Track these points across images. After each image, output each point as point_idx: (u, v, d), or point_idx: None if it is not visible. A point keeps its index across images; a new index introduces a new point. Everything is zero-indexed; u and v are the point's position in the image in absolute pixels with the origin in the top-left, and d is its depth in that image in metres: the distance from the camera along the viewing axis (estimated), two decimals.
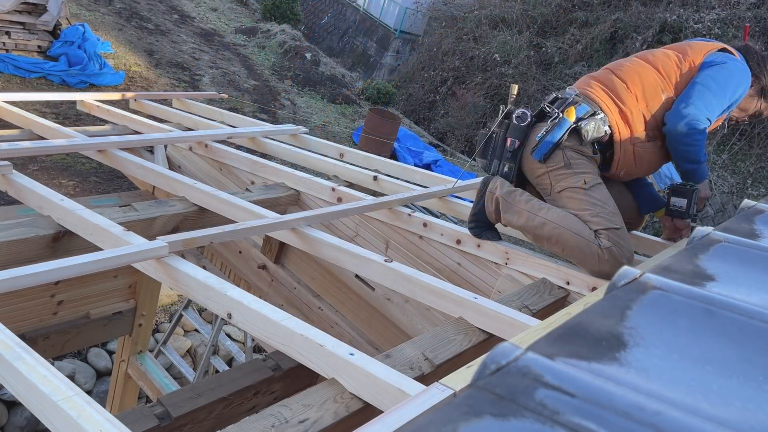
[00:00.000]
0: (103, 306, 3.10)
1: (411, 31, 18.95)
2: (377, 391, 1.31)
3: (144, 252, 1.72)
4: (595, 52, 15.18)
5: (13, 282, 1.46)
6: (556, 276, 2.14)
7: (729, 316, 0.78)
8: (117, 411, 4.13)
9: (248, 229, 2.04)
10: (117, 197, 3.20)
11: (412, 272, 1.92)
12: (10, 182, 2.20)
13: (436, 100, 15.70)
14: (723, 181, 13.11)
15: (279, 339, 1.50)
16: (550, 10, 16.21)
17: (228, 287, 1.63)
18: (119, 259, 1.67)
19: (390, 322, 2.52)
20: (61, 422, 1.11)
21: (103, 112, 3.56)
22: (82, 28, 8.60)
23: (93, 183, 6.55)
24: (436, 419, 0.52)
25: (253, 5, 14.59)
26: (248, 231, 2.05)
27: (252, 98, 9.93)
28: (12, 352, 1.23)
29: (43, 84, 7.95)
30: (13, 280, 1.46)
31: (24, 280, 1.48)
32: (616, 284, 0.85)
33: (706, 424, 0.54)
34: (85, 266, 1.59)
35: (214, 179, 3.14)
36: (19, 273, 1.48)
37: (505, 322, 1.67)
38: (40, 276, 1.51)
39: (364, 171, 3.02)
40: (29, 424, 4.87)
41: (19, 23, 8.02)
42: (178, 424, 1.54)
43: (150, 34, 10.82)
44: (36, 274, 1.50)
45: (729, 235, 1.10)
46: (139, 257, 1.71)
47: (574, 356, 0.64)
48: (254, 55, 11.94)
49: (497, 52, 15.52)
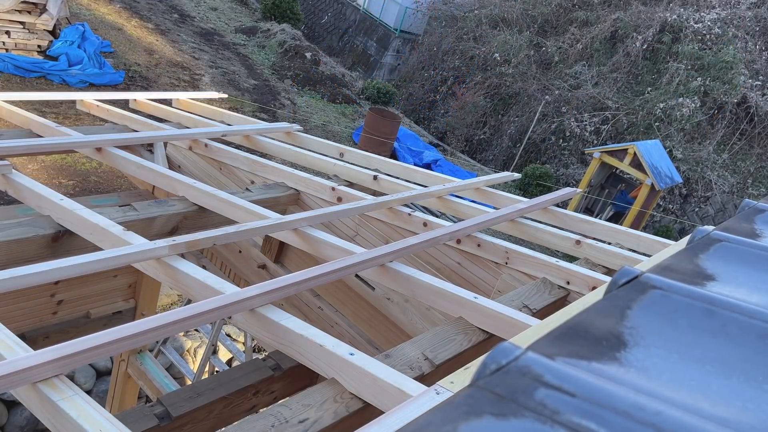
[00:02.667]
0: (103, 306, 3.10)
1: (411, 30, 18.95)
2: (377, 391, 1.31)
3: (144, 252, 1.72)
4: (596, 51, 15.19)
5: (13, 282, 1.46)
6: (556, 276, 2.14)
7: (729, 315, 0.78)
8: (117, 411, 4.13)
9: (250, 230, 2.04)
10: (117, 197, 3.20)
11: (412, 272, 1.92)
12: (10, 182, 2.20)
13: (436, 100, 15.71)
14: (723, 181, 13.11)
15: (279, 339, 1.50)
16: (550, 9, 16.23)
17: (228, 287, 1.63)
18: (119, 259, 1.67)
19: (390, 322, 2.52)
20: (61, 422, 1.11)
21: (102, 111, 3.56)
22: (82, 27, 8.60)
23: (93, 183, 6.55)
24: (436, 419, 0.52)
25: (253, 5, 14.59)
26: (250, 232, 2.05)
27: (252, 98, 9.93)
28: (12, 352, 1.23)
29: (43, 83, 7.95)
30: (13, 279, 1.46)
31: (24, 279, 1.48)
32: (616, 284, 0.85)
33: (706, 423, 0.54)
34: (85, 266, 1.59)
35: (214, 179, 3.14)
36: (19, 273, 1.48)
37: (505, 321, 1.67)
38: (40, 276, 1.51)
39: (364, 170, 3.02)
40: (29, 424, 4.87)
41: (19, 23, 8.02)
42: (178, 423, 1.54)
43: (150, 33, 10.81)
44: (36, 273, 1.50)
45: (729, 234, 1.09)
46: (139, 257, 1.71)
47: (574, 356, 0.64)
48: (254, 55, 11.94)
49: (497, 52, 15.52)
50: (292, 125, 3.69)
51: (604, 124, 14.18)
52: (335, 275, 1.74)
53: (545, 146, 14.62)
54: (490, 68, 15.55)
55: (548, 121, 14.58)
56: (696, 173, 13.07)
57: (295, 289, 1.62)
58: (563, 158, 14.36)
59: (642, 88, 14.42)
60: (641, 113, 13.91)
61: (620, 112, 14.15)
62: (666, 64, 14.27)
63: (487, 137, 15.28)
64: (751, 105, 13.57)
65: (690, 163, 13.15)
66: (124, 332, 1.25)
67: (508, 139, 14.97)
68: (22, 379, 1.11)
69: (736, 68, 13.50)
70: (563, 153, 14.40)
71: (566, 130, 14.32)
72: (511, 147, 14.90)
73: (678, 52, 14.11)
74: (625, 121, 14.05)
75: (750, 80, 13.78)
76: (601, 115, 14.25)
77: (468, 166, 11.88)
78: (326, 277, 1.70)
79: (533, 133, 14.45)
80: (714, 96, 13.55)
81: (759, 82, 13.82)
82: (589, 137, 14.13)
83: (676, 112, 13.33)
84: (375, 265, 1.89)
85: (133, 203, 2.27)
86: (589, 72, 14.96)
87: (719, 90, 13.46)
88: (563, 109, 14.57)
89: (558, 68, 15.33)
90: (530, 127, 14.33)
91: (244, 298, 1.49)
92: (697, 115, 13.40)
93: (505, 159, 14.84)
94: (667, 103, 13.54)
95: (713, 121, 13.71)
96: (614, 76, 14.74)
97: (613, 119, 14.16)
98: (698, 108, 13.43)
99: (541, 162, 13.84)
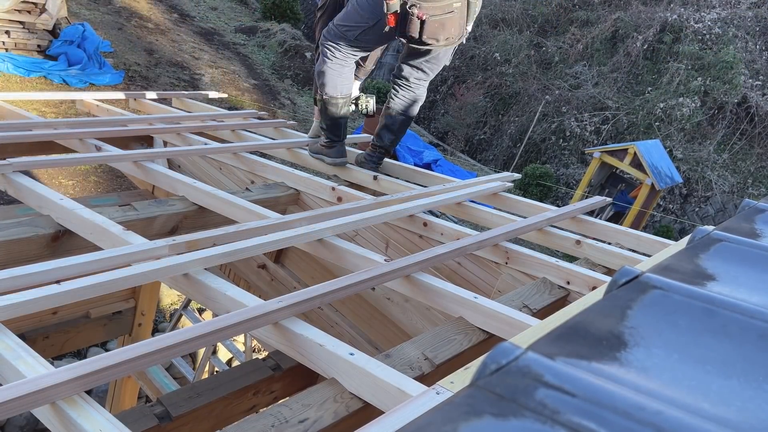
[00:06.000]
0: (103, 306, 3.10)
1: None
2: (377, 391, 1.31)
3: (144, 252, 1.72)
4: (596, 51, 15.18)
5: (13, 282, 1.46)
6: (556, 275, 2.14)
7: (729, 315, 0.78)
8: (117, 411, 4.13)
9: (250, 230, 2.03)
10: (116, 197, 3.20)
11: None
12: (10, 182, 2.20)
13: (437, 100, 15.70)
14: (723, 181, 13.11)
15: (279, 339, 1.50)
16: (550, 9, 16.23)
17: (227, 287, 1.63)
18: (119, 259, 1.67)
19: (390, 321, 2.51)
20: (62, 422, 1.11)
21: (102, 111, 3.56)
22: (81, 27, 8.59)
23: (93, 183, 6.55)
24: (436, 419, 0.52)
25: (253, 4, 14.59)
26: (250, 232, 2.04)
27: (252, 97, 9.93)
28: (12, 352, 1.23)
29: (43, 83, 7.95)
30: (12, 279, 1.46)
31: (24, 279, 1.48)
32: (616, 284, 0.85)
33: (707, 423, 0.54)
34: (85, 266, 1.59)
35: (214, 178, 3.14)
36: (19, 273, 1.48)
37: (505, 321, 1.67)
38: (40, 276, 1.51)
39: (364, 170, 3.02)
40: (29, 424, 4.87)
41: (19, 22, 8.01)
42: (177, 423, 1.54)
43: (150, 33, 10.81)
44: (36, 273, 1.50)
45: (729, 234, 1.09)
46: (139, 257, 1.71)
47: (574, 356, 0.64)
48: (254, 54, 11.93)
49: (497, 52, 15.52)
50: (285, 122, 3.77)
51: (604, 124, 14.18)
52: (359, 287, 1.68)
53: (545, 146, 14.62)
54: (490, 68, 15.55)
55: (548, 121, 14.58)
56: (696, 173, 13.07)
57: (320, 302, 1.59)
58: (563, 158, 14.36)
59: (642, 88, 14.42)
60: (641, 113, 13.91)
61: (620, 112, 14.15)
62: (666, 64, 14.27)
63: (487, 137, 15.28)
64: (751, 105, 13.57)
65: (690, 163, 13.15)
66: (146, 348, 1.22)
67: (508, 139, 14.97)
68: (44, 398, 1.10)
69: (736, 68, 13.50)
70: (563, 153, 14.39)
71: (566, 129, 14.32)
72: (512, 147, 14.90)
73: (678, 52, 14.11)
74: (626, 121, 14.05)
75: (750, 80, 13.78)
76: (601, 115, 14.25)
77: (468, 165, 11.88)
78: (350, 289, 1.65)
79: (533, 133, 14.45)
80: (714, 96, 13.55)
81: (759, 82, 13.82)
82: (590, 137, 14.13)
83: (677, 112, 13.33)
84: (400, 276, 1.82)
85: (133, 203, 2.27)
86: (590, 72, 14.97)
87: (719, 90, 13.45)
88: (563, 108, 14.57)
89: (558, 68, 15.33)
90: (530, 126, 14.33)
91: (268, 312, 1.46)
92: (698, 115, 13.40)
93: (506, 159, 14.84)
94: (667, 103, 13.53)
95: (713, 121, 13.71)
96: (614, 76, 14.74)
97: (613, 119, 14.16)
98: (698, 108, 13.42)
99: (542, 162, 13.84)
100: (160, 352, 1.24)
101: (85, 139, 2.73)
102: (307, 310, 1.59)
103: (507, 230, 2.26)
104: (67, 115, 7.12)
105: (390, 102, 3.04)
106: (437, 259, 1.94)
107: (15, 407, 1.04)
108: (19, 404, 1.05)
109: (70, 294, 1.43)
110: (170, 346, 1.26)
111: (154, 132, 3.13)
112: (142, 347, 1.23)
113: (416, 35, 2.50)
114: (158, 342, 1.25)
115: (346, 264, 2.07)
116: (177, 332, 1.30)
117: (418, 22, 2.45)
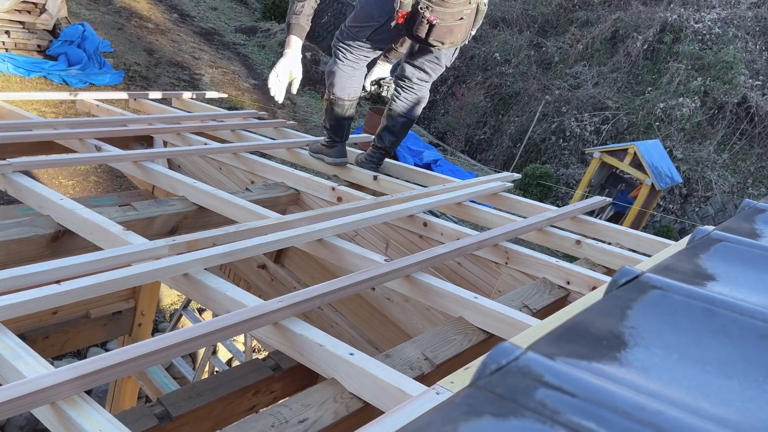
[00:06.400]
0: (103, 306, 3.10)
1: None
2: (377, 391, 1.31)
3: (144, 252, 1.71)
4: (596, 51, 15.18)
5: (12, 282, 1.46)
6: (556, 275, 2.14)
7: (729, 315, 0.78)
8: (117, 411, 4.13)
9: (250, 230, 2.03)
10: (116, 197, 3.21)
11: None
12: (10, 182, 2.20)
13: (436, 100, 15.69)
14: (723, 181, 13.11)
15: (278, 339, 1.50)
16: (550, 9, 16.22)
17: (227, 287, 1.63)
18: (119, 259, 1.67)
19: (390, 321, 2.51)
20: (62, 422, 1.11)
21: (102, 111, 3.56)
22: (81, 27, 8.59)
23: (93, 183, 6.55)
24: (436, 419, 0.52)
25: (253, 4, 14.59)
26: (250, 232, 2.04)
27: (252, 97, 9.93)
28: (12, 352, 1.23)
29: (43, 83, 7.95)
30: (12, 279, 1.46)
31: (24, 279, 1.48)
32: (616, 284, 0.85)
33: (707, 423, 0.54)
34: (85, 266, 1.59)
35: (214, 179, 3.14)
36: (19, 273, 1.48)
37: (505, 321, 1.67)
38: (40, 276, 1.51)
39: (364, 170, 3.02)
40: (29, 424, 4.87)
41: (19, 22, 8.01)
42: (177, 423, 1.54)
43: (150, 33, 10.81)
44: (36, 273, 1.50)
45: (729, 234, 1.09)
46: (139, 257, 1.71)
47: (574, 356, 0.64)
48: (254, 55, 11.94)
49: (497, 52, 15.52)
50: (285, 121, 3.76)
51: (604, 124, 14.18)
52: (359, 287, 1.68)
53: (545, 146, 14.62)
54: (490, 68, 15.54)
55: (548, 121, 14.58)
56: (696, 173, 13.06)
57: (320, 302, 1.59)
58: (563, 158, 14.36)
59: (642, 88, 14.42)
60: (641, 113, 13.90)
61: (620, 112, 14.15)
62: (666, 64, 14.27)
63: (487, 137, 15.27)
64: (751, 105, 13.57)
65: (690, 163, 13.15)
66: (146, 348, 1.22)
67: (508, 139, 14.96)
68: (44, 398, 1.09)
69: (736, 68, 13.50)
70: (563, 153, 14.39)
71: (566, 129, 14.31)
72: (512, 147, 14.90)
73: (678, 52, 14.11)
74: (625, 121, 14.05)
75: (750, 80, 13.78)
76: (601, 115, 14.25)
77: (468, 165, 11.87)
78: (350, 289, 1.65)
79: (533, 133, 14.44)
80: (714, 96, 13.55)
81: (759, 82, 13.82)
82: (590, 137, 14.13)
83: (677, 112, 13.33)
84: (400, 276, 1.82)
85: (133, 203, 2.27)
86: (590, 72, 14.96)
87: (719, 90, 13.45)
88: (563, 109, 14.57)
89: (558, 68, 15.33)
90: (530, 126, 14.32)
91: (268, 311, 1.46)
92: (698, 115, 13.40)
93: (506, 159, 14.84)
94: (667, 103, 13.53)
95: (713, 121, 13.71)
96: (614, 76, 14.73)
97: (613, 119, 14.16)
98: (698, 108, 13.42)
99: (542, 162, 13.83)
100: (160, 352, 1.24)
101: (85, 139, 2.73)
102: (307, 310, 1.59)
103: (507, 230, 2.26)
104: (67, 115, 7.12)
105: (392, 104, 3.04)
106: (437, 259, 1.94)
107: (15, 407, 1.04)
108: (19, 404, 1.05)
109: (70, 294, 1.43)
110: (170, 346, 1.26)
111: (154, 132, 3.13)
112: (142, 347, 1.23)
113: (423, 36, 2.51)
114: (158, 342, 1.25)
115: (346, 264, 2.07)
116: (177, 332, 1.30)
117: (427, 26, 2.46)
